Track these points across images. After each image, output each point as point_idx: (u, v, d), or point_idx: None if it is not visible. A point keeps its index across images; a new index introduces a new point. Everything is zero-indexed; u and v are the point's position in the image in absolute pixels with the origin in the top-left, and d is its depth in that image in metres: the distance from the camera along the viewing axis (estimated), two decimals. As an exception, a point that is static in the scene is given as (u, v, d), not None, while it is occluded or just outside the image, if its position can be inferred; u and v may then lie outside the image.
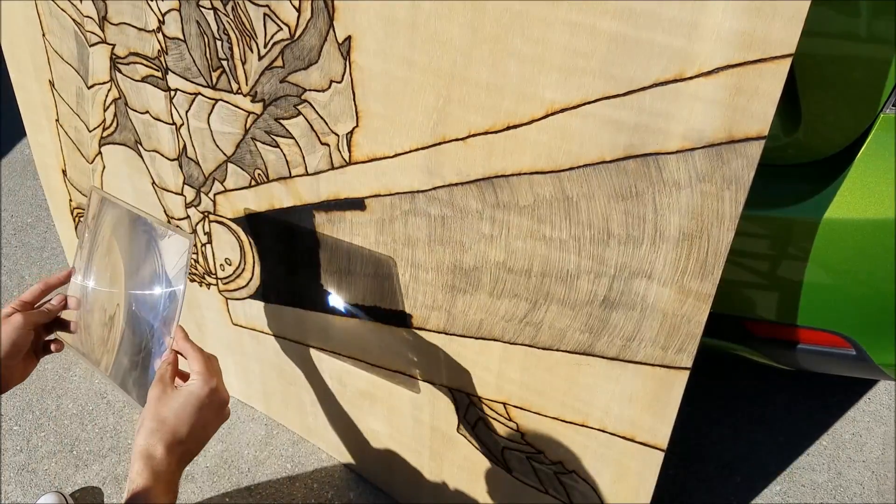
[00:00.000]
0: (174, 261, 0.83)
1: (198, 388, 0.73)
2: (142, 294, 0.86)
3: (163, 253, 0.85)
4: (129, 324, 0.86)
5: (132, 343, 0.85)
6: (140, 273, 0.87)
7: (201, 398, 0.72)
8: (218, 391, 0.74)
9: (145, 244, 0.87)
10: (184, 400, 0.71)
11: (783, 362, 1.11)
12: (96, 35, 1.06)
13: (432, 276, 0.89)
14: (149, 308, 0.84)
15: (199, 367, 0.74)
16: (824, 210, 0.88)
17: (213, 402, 0.73)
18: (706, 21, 0.58)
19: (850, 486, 1.34)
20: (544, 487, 1.00)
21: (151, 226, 0.86)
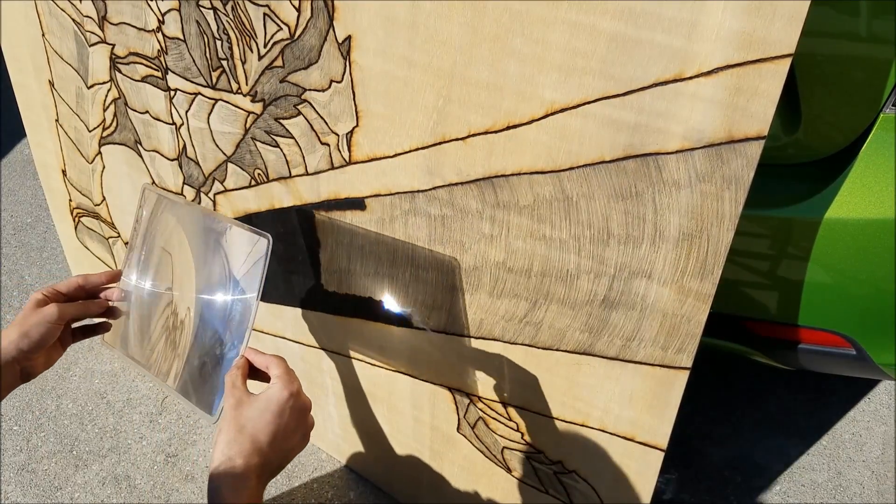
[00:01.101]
0: (244, 262, 0.77)
1: (277, 392, 0.67)
2: (210, 298, 0.81)
3: (231, 254, 0.79)
4: (196, 328, 0.81)
5: (199, 349, 0.81)
6: (207, 275, 0.81)
7: (281, 403, 0.66)
8: (300, 395, 0.69)
9: (213, 244, 0.81)
10: (263, 406, 0.66)
11: (783, 362, 1.11)
12: (96, 35, 1.06)
13: (432, 276, 0.89)
14: (217, 313, 0.79)
15: (278, 371, 0.69)
16: (824, 210, 0.88)
17: (294, 406, 0.67)
18: (706, 21, 0.58)
19: (850, 485, 1.34)
20: (544, 487, 1.00)
21: (222, 224, 0.80)
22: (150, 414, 1.49)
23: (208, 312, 0.80)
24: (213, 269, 0.81)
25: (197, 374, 0.80)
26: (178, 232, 0.84)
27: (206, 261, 0.82)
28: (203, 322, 0.80)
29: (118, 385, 1.55)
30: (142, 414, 1.49)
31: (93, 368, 1.58)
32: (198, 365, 0.80)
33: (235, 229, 0.79)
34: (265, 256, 0.75)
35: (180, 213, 0.85)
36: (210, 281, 0.81)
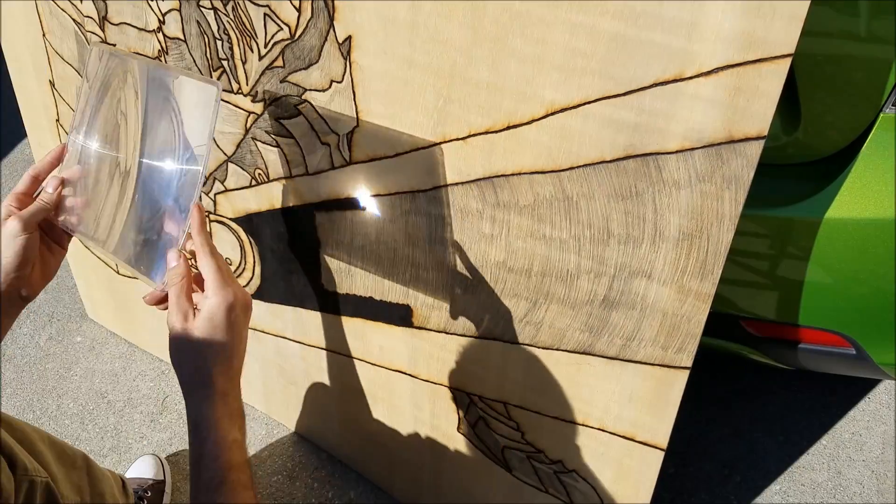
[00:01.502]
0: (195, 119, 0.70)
1: (216, 307, 0.67)
2: (156, 162, 0.73)
3: (182, 109, 0.71)
4: (140, 194, 0.75)
5: (141, 218, 0.75)
6: (154, 136, 0.74)
7: (224, 314, 0.67)
8: (237, 297, 0.68)
9: (161, 100, 0.73)
10: (209, 325, 0.67)
11: (783, 362, 1.11)
12: (97, 35, 1.06)
13: (432, 276, 0.89)
14: (163, 179, 0.73)
15: (208, 274, 0.68)
16: (824, 209, 0.88)
17: (235, 312, 0.68)
18: (706, 21, 0.58)
19: (850, 485, 1.34)
20: (544, 487, 1.00)
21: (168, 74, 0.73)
22: (151, 414, 1.49)
23: (154, 179, 0.74)
24: (161, 130, 0.73)
25: (137, 245, 0.76)
26: (124, 86, 0.77)
27: (153, 119, 0.74)
28: (147, 188, 0.75)
29: (119, 385, 1.55)
30: (142, 414, 1.49)
31: (93, 368, 1.58)
32: (135, 235, 0.76)
33: (183, 79, 0.72)
34: (214, 106, 0.67)
35: (125, 67, 0.78)
36: (157, 143, 0.74)
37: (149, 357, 1.60)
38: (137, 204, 0.75)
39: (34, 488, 0.84)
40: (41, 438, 0.95)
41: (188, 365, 0.67)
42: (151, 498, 1.27)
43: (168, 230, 0.72)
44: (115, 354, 1.62)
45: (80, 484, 1.00)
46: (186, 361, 0.67)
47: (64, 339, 1.66)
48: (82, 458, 1.04)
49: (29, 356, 1.62)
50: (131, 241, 0.76)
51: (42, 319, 1.70)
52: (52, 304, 1.74)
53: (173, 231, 0.71)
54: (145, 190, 0.75)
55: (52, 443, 0.97)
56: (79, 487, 0.99)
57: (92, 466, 1.06)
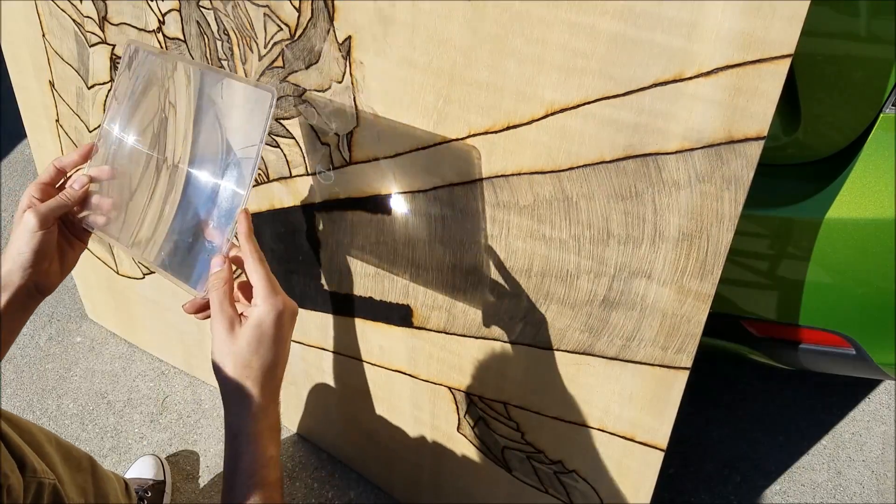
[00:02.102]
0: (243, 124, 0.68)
1: (265, 315, 0.64)
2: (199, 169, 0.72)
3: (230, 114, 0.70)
4: (182, 199, 0.73)
5: (182, 224, 0.73)
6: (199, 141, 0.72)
7: (273, 322, 0.65)
8: (286, 305, 0.66)
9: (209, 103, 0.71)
10: (256, 333, 0.64)
11: (783, 362, 1.11)
12: (96, 35, 1.06)
13: (432, 276, 0.89)
14: (206, 185, 0.71)
15: (258, 282, 0.66)
16: (824, 210, 0.88)
17: (283, 321, 0.66)
18: (705, 21, 0.58)
19: (850, 485, 1.34)
20: (544, 487, 1.00)
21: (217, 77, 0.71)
22: (151, 414, 1.49)
23: (196, 183, 0.72)
24: (206, 135, 0.72)
25: (175, 251, 0.73)
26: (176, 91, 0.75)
27: (201, 124, 0.72)
28: (188, 193, 0.72)
29: (119, 385, 1.55)
30: (142, 414, 1.49)
31: (93, 368, 1.58)
32: (177, 240, 0.74)
33: (234, 83, 0.70)
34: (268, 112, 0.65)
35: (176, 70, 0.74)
36: (201, 148, 0.72)
37: (149, 357, 1.60)
38: (179, 209, 0.73)
39: (42, 490, 0.84)
40: (48, 440, 0.95)
41: (232, 374, 0.65)
42: (151, 498, 1.27)
43: (210, 237, 0.70)
44: (115, 355, 1.62)
45: (85, 486, 1.00)
46: (231, 370, 0.65)
47: (64, 340, 1.66)
48: (88, 460, 1.04)
49: (29, 356, 1.62)
50: (170, 246, 0.74)
51: (42, 320, 1.70)
52: (51, 304, 1.74)
53: (216, 238, 0.70)
54: (187, 195, 0.73)
55: (59, 444, 0.98)
56: (83, 489, 0.99)
57: (97, 468, 1.06)
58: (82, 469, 1.01)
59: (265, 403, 0.65)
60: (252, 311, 0.66)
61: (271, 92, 0.66)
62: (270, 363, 0.66)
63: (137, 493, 1.24)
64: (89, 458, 1.05)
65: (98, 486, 1.04)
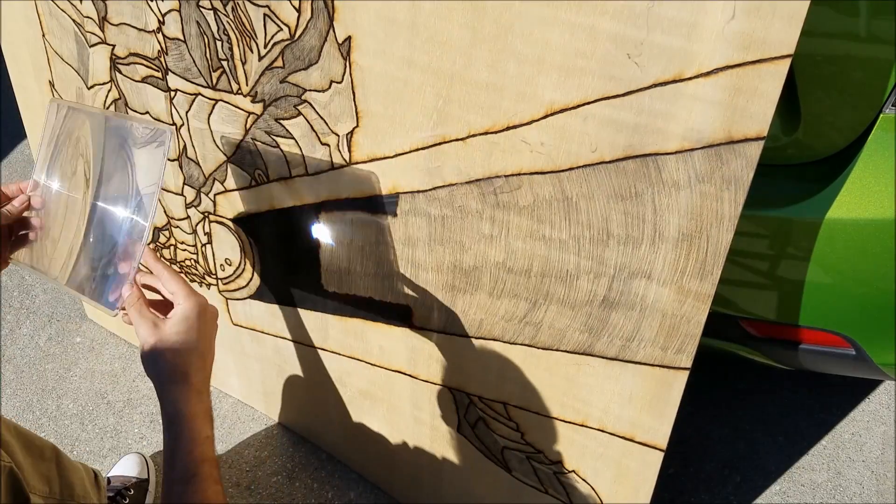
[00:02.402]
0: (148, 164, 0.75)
1: (190, 310, 0.72)
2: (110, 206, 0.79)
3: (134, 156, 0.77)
4: (91, 234, 0.81)
5: (94, 255, 0.81)
6: (109, 181, 0.80)
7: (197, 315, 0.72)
8: (206, 303, 0.74)
9: (117, 145, 0.79)
10: (184, 326, 0.71)
11: (783, 362, 1.11)
12: (96, 35, 1.06)
13: (432, 276, 0.89)
14: (115, 221, 0.79)
15: (177, 287, 0.73)
16: (824, 210, 0.88)
17: (206, 315, 0.73)
18: (705, 21, 0.58)
19: (850, 485, 1.34)
20: (544, 487, 1.00)
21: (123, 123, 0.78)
22: (151, 414, 1.49)
23: (107, 219, 0.80)
24: (115, 174, 0.79)
25: (90, 279, 0.81)
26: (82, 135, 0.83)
27: (109, 164, 0.80)
28: (101, 228, 0.80)
29: (118, 385, 1.55)
30: (142, 414, 1.49)
31: (93, 369, 1.58)
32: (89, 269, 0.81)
33: (135, 126, 0.77)
34: (164, 151, 0.73)
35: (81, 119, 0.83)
36: (112, 188, 0.79)
37: (149, 357, 1.60)
38: (91, 242, 0.81)
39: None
40: (7, 428, 0.96)
41: (165, 363, 0.70)
42: (134, 496, 1.26)
43: (121, 268, 0.77)
44: (115, 355, 1.62)
45: (49, 474, 1.01)
46: (163, 360, 0.70)
47: (64, 340, 1.66)
48: (51, 450, 1.05)
49: (28, 357, 1.62)
50: (84, 275, 0.81)
51: (42, 320, 1.70)
52: (51, 304, 1.74)
53: (125, 269, 0.76)
54: (98, 229, 0.80)
55: (19, 433, 0.99)
56: (47, 477, 1.00)
57: (62, 458, 1.07)
58: (45, 458, 1.02)
59: (198, 387, 0.70)
60: (175, 309, 0.72)
61: (168, 130, 0.73)
62: (200, 351, 0.72)
63: (119, 491, 1.24)
64: (53, 447, 1.06)
65: (63, 475, 1.04)
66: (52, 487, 1.00)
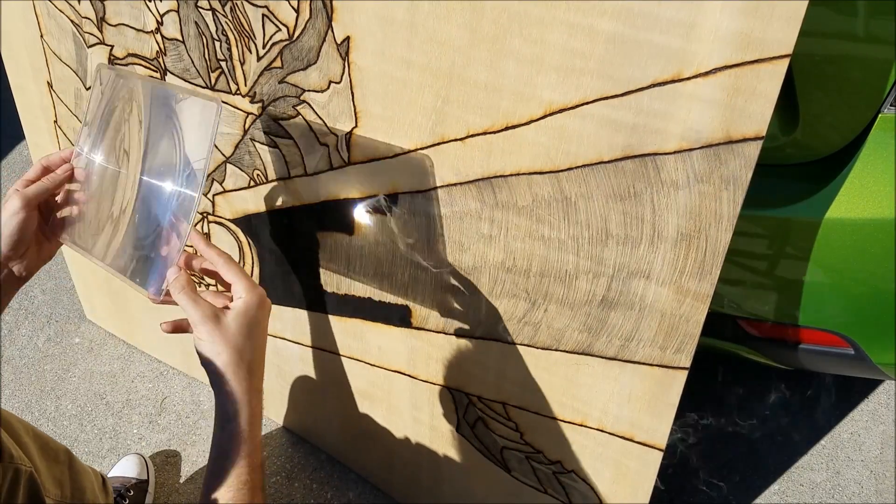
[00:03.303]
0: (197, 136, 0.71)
1: (253, 305, 0.68)
2: (156, 181, 0.75)
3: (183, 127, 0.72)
4: (137, 211, 0.76)
5: (139, 233, 0.76)
6: (156, 154, 0.75)
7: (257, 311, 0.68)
8: (265, 297, 0.70)
9: (164, 118, 0.74)
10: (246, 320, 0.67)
11: (782, 362, 1.11)
12: (94, 36, 1.06)
13: (431, 277, 0.89)
14: (162, 196, 0.74)
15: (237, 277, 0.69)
16: (823, 210, 0.88)
17: (265, 309, 0.70)
18: (704, 21, 0.58)
19: (849, 485, 1.34)
20: (543, 487, 1.00)
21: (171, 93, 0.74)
22: (150, 415, 1.49)
23: (153, 195, 0.75)
24: (162, 148, 0.75)
25: (133, 260, 0.77)
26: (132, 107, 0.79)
27: (156, 138, 0.76)
28: (146, 205, 0.76)
29: (117, 386, 1.55)
30: (141, 415, 1.49)
31: (92, 369, 1.58)
32: (132, 250, 0.77)
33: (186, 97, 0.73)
34: (214, 122, 0.68)
35: (133, 87, 0.79)
36: (158, 161, 0.75)
37: (147, 358, 1.60)
38: (136, 220, 0.77)
39: (19, 477, 0.85)
40: (26, 430, 0.96)
41: (228, 360, 0.66)
42: (134, 497, 1.26)
43: (165, 246, 0.73)
44: (114, 356, 1.61)
45: (62, 478, 1.01)
46: (226, 357, 0.66)
47: (62, 341, 1.65)
48: (65, 453, 1.05)
49: (27, 357, 1.62)
50: (128, 255, 0.77)
51: (40, 321, 1.70)
52: (50, 305, 1.74)
53: (170, 249, 0.72)
54: (144, 206, 0.76)
55: (36, 435, 0.98)
56: (60, 481, 1.00)
57: (74, 461, 1.06)
58: (59, 461, 1.02)
59: (258, 387, 0.68)
60: (237, 302, 0.68)
61: (216, 102, 0.68)
62: (261, 348, 0.69)
63: (119, 492, 1.24)
64: (66, 450, 1.06)
65: (74, 479, 1.04)
66: (65, 491, 1.00)
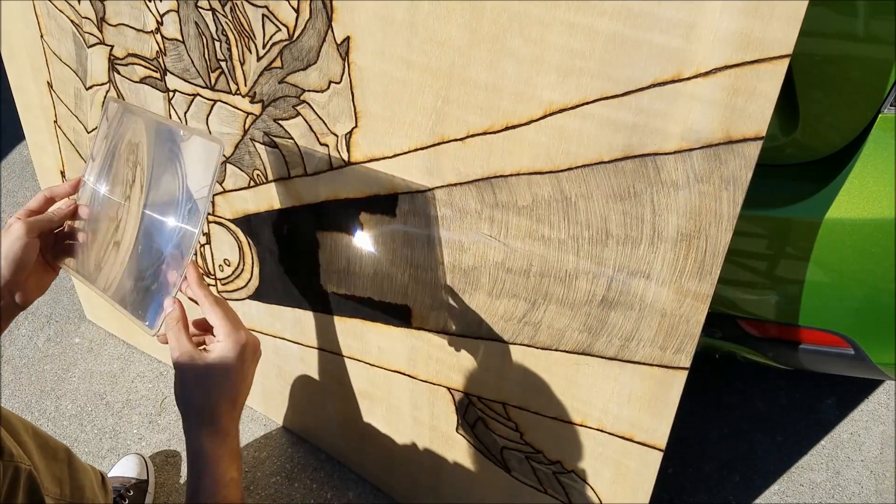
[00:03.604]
0: (199, 174, 0.72)
1: (229, 349, 0.68)
2: (158, 214, 0.76)
3: (187, 166, 0.73)
4: (140, 244, 0.78)
5: (140, 265, 0.78)
6: (159, 188, 0.77)
7: (236, 355, 0.68)
8: (248, 342, 0.70)
9: (168, 152, 0.76)
10: (221, 366, 0.68)
11: (782, 362, 1.11)
12: (94, 36, 1.06)
13: (431, 276, 0.89)
14: (164, 230, 0.76)
15: (218, 320, 0.70)
16: (823, 210, 0.88)
17: (245, 356, 0.69)
18: (704, 21, 0.58)
19: (849, 485, 1.34)
20: (543, 487, 1.00)
21: (175, 129, 0.76)
22: (150, 415, 1.49)
23: (154, 228, 0.77)
24: (165, 185, 0.76)
25: (133, 291, 0.78)
26: (136, 141, 0.80)
27: (159, 174, 0.77)
28: (148, 239, 0.77)
29: (117, 386, 1.55)
30: (141, 415, 1.49)
31: (92, 369, 1.58)
32: (133, 283, 0.78)
33: (190, 135, 0.75)
34: (216, 162, 0.70)
35: (137, 122, 0.81)
36: (161, 197, 0.76)
37: (147, 358, 1.60)
38: (139, 252, 0.78)
39: (18, 475, 0.85)
40: (25, 429, 0.96)
41: (196, 401, 0.68)
42: (134, 497, 1.26)
43: (168, 279, 0.74)
44: (114, 356, 1.61)
45: (61, 476, 1.01)
46: (194, 397, 0.68)
47: (62, 341, 1.65)
48: (64, 451, 1.05)
49: (27, 357, 1.61)
50: (129, 287, 0.79)
51: (40, 321, 1.70)
52: (50, 305, 1.74)
53: (173, 280, 0.74)
54: (146, 239, 0.78)
55: (36, 433, 0.99)
56: (59, 479, 1.00)
57: (73, 460, 1.06)
58: (59, 459, 1.02)
59: (226, 430, 0.68)
60: (215, 346, 0.69)
61: (219, 143, 0.70)
62: (233, 395, 0.69)
63: (119, 492, 1.24)
64: (66, 449, 1.06)
65: (74, 477, 1.04)
66: (64, 489, 1.00)
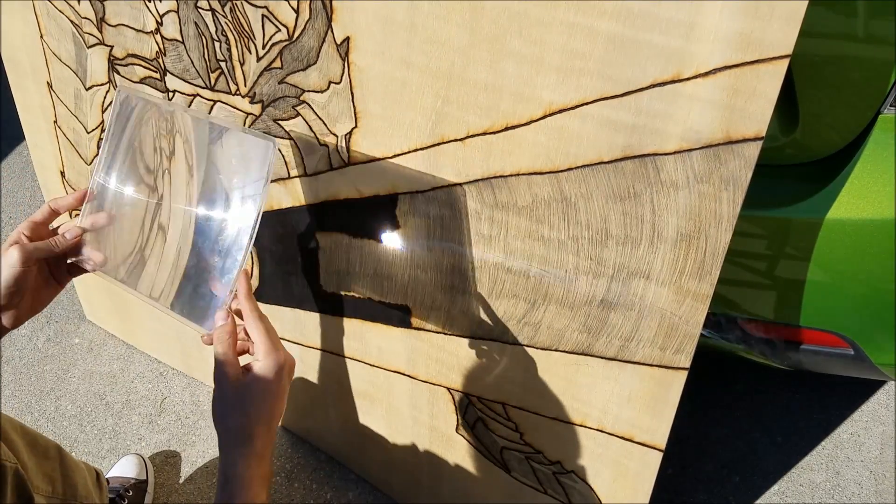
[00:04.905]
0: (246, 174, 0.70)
1: (269, 370, 0.68)
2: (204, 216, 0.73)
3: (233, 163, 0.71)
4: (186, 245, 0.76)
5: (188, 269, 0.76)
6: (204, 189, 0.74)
7: (274, 377, 0.68)
8: (286, 361, 0.70)
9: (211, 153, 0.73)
10: (259, 387, 0.68)
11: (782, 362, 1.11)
12: (94, 36, 1.06)
13: (431, 277, 0.89)
14: (211, 232, 0.73)
15: (260, 338, 0.70)
16: (823, 210, 0.88)
17: (283, 377, 0.69)
18: (703, 22, 0.58)
19: (849, 485, 1.34)
20: (543, 487, 1.00)
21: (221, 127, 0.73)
22: (150, 415, 1.49)
23: (201, 231, 0.75)
24: (210, 183, 0.74)
25: (185, 294, 0.77)
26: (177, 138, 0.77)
27: (203, 173, 0.75)
28: (194, 240, 0.75)
29: (117, 386, 1.55)
30: (141, 415, 1.49)
31: (92, 370, 1.58)
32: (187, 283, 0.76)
33: (237, 133, 0.72)
34: (269, 162, 0.68)
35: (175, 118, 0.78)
36: (206, 196, 0.74)
37: (147, 359, 1.60)
38: (188, 255, 0.76)
39: (4, 473, 0.85)
40: (13, 427, 0.96)
41: (232, 420, 0.68)
42: (133, 497, 1.26)
43: (214, 289, 0.74)
44: (114, 356, 1.61)
45: (53, 474, 1.01)
46: (231, 416, 0.68)
47: (62, 341, 1.65)
48: (55, 449, 1.05)
49: (27, 358, 1.61)
50: (176, 289, 0.77)
51: (40, 321, 1.70)
52: (50, 305, 1.73)
53: (218, 291, 0.73)
54: (194, 242, 0.76)
55: (25, 432, 0.98)
56: (50, 477, 1.00)
57: (65, 457, 1.06)
58: (49, 457, 1.02)
59: (261, 453, 0.68)
60: (254, 364, 0.69)
61: (271, 141, 0.68)
62: (268, 416, 0.69)
63: (118, 492, 1.24)
64: (57, 447, 1.05)
65: (66, 475, 1.04)
66: (56, 487, 1.00)
